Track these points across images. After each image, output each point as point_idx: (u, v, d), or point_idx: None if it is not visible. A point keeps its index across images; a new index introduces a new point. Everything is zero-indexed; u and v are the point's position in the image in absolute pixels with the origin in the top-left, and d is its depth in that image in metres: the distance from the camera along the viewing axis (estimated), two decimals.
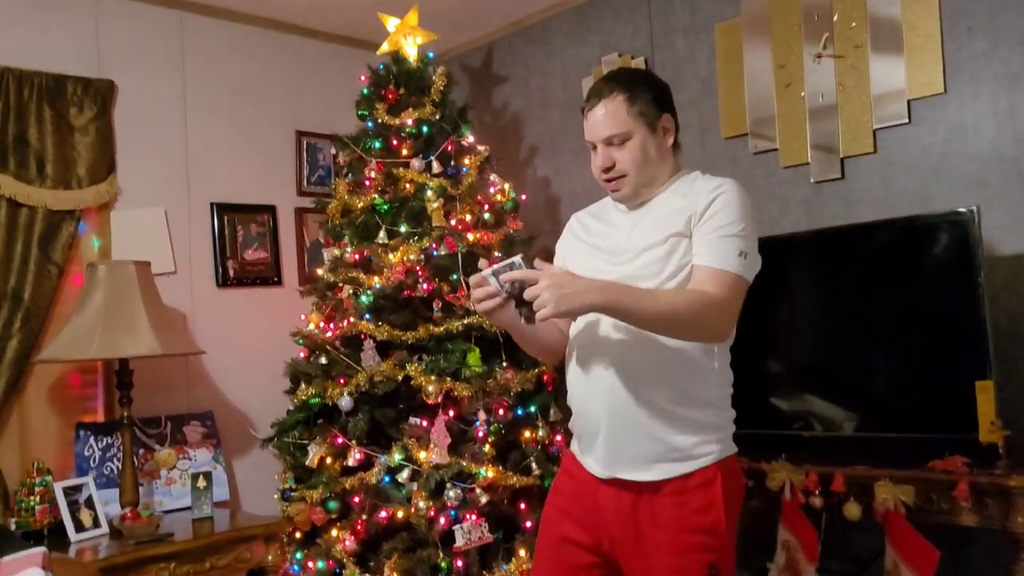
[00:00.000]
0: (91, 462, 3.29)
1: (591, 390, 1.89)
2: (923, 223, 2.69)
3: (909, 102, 2.93)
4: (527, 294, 1.66)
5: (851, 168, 3.09)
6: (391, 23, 3.60)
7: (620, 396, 1.82)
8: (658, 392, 1.81)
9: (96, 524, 3.07)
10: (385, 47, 3.60)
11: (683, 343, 1.80)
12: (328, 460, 3.13)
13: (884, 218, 2.90)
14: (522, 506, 3.10)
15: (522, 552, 3.00)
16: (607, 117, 1.88)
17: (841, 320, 2.87)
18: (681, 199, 1.87)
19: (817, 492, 2.60)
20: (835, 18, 3.08)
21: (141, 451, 3.41)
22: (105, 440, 3.35)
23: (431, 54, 3.68)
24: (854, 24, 3.03)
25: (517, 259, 1.73)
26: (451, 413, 3.06)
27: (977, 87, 2.79)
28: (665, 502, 1.81)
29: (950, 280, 2.56)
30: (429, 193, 3.28)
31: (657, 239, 1.84)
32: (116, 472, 3.28)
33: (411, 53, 3.56)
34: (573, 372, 1.96)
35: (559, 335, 2.04)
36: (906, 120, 2.93)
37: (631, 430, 1.82)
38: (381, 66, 3.58)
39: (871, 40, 3.00)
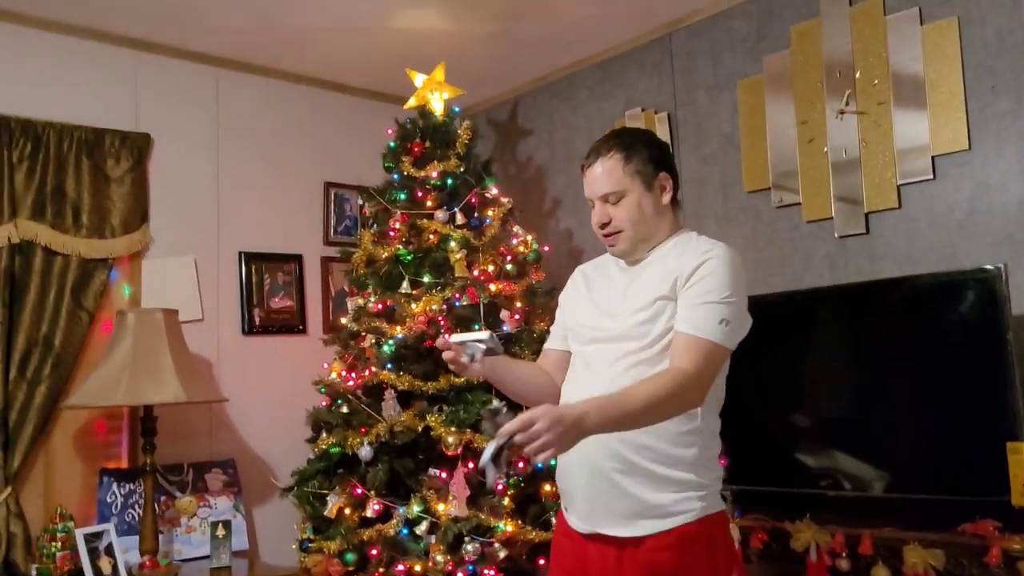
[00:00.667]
0: (113, 508, 3.31)
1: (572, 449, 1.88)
2: (950, 280, 2.66)
3: (933, 158, 2.92)
4: (522, 438, 1.55)
5: (875, 223, 3.07)
6: (419, 79, 3.68)
7: (599, 454, 1.82)
8: (638, 452, 1.80)
9: (115, 572, 3.07)
10: (412, 102, 3.68)
11: None
12: (347, 510, 3.12)
13: (910, 274, 2.88)
14: (541, 561, 3.05)
15: None
16: (604, 175, 1.93)
17: (867, 376, 2.83)
18: (675, 260, 1.89)
19: (844, 554, 2.54)
20: (857, 75, 3.10)
21: (163, 498, 3.42)
22: (128, 486, 3.37)
23: (457, 108, 3.74)
24: (876, 81, 3.05)
25: (487, 335, 1.81)
26: (470, 465, 3.05)
27: (1002, 145, 2.78)
28: (648, 558, 1.80)
29: (977, 338, 2.52)
30: (452, 244, 3.31)
31: (645, 301, 1.87)
32: (137, 519, 3.29)
33: (437, 107, 3.63)
34: None
35: (543, 390, 2.03)
36: (930, 176, 2.92)
37: (609, 487, 1.83)
38: (408, 120, 3.65)
39: (894, 97, 3.01)
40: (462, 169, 3.51)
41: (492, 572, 2.91)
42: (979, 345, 2.51)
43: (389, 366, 3.21)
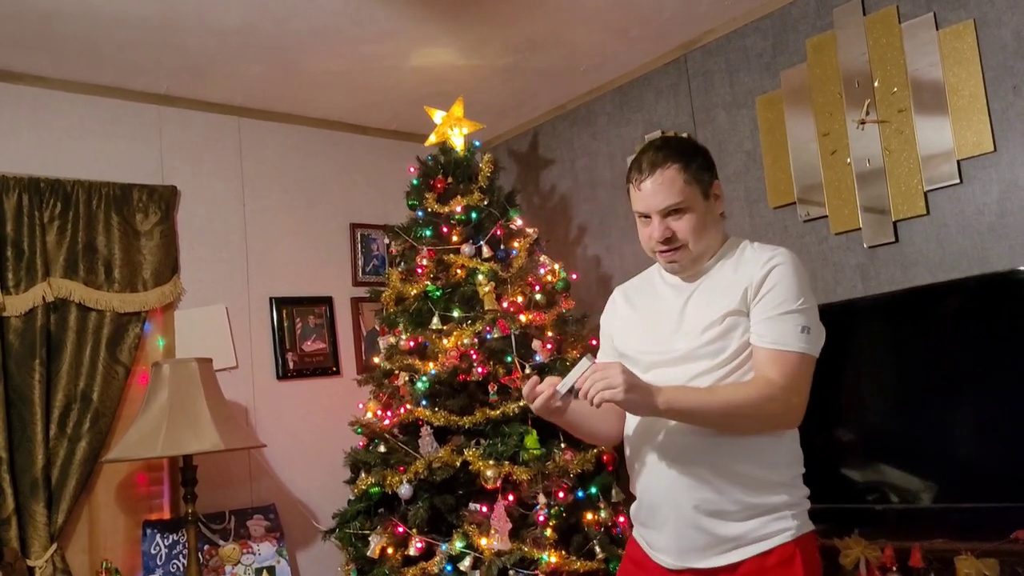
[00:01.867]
0: (158, 560, 3.32)
1: (656, 480, 1.83)
2: (984, 283, 2.62)
3: (959, 162, 2.89)
4: (597, 387, 1.64)
5: (904, 231, 3.04)
6: (437, 115, 3.71)
7: (687, 488, 1.76)
8: (728, 481, 1.75)
9: None
10: (432, 138, 3.71)
11: None
12: (390, 550, 3.11)
13: (943, 280, 2.84)
14: None
15: None
16: (664, 187, 1.82)
17: (909, 386, 2.79)
18: (733, 272, 1.84)
19: (894, 568, 2.49)
20: (876, 84, 3.09)
21: (206, 547, 3.43)
22: (171, 537, 3.38)
23: (477, 143, 3.77)
24: (895, 89, 3.03)
25: (584, 360, 1.72)
26: (511, 498, 3.03)
27: None
28: None
29: (1016, 340, 2.48)
30: (480, 277, 3.32)
31: (714, 317, 1.79)
32: (182, 569, 3.30)
33: (458, 143, 3.65)
34: (635, 457, 1.91)
35: (612, 424, 1.99)
36: (957, 180, 2.89)
37: (696, 522, 1.76)
38: (429, 157, 3.68)
39: (914, 103, 2.99)
40: (486, 202, 3.53)
41: None
42: (1018, 347, 2.46)
43: (424, 403, 3.21)
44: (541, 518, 3.00)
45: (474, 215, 3.50)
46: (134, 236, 3.52)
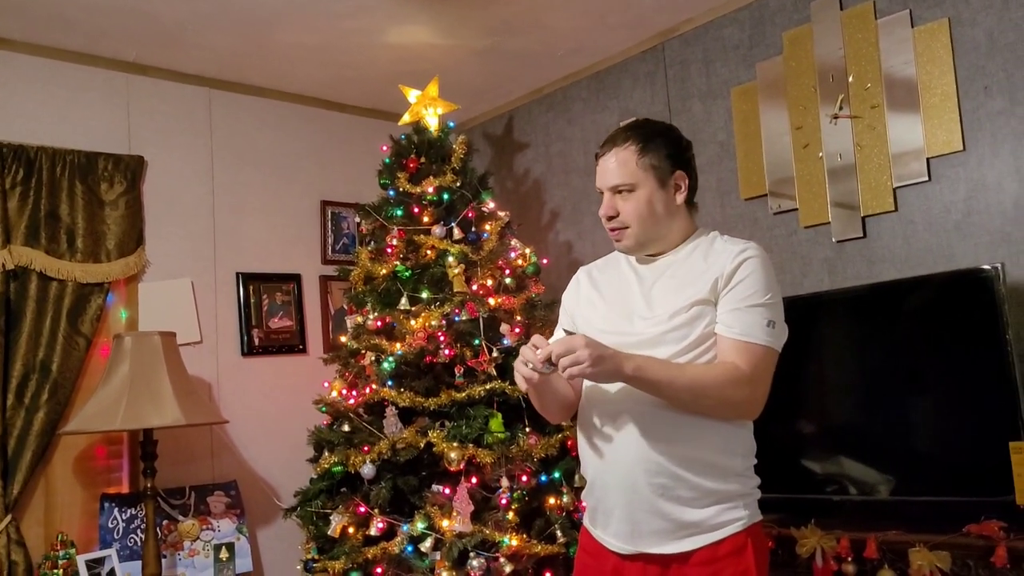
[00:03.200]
0: (115, 534, 3.28)
1: (608, 463, 1.83)
2: (948, 281, 2.66)
3: (928, 160, 2.92)
4: (564, 363, 1.65)
5: (872, 227, 3.07)
6: (412, 94, 3.68)
7: (644, 472, 1.77)
8: (685, 466, 1.75)
9: None
10: (406, 118, 3.68)
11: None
12: (351, 530, 3.10)
13: (908, 276, 2.87)
14: (547, 575, 3.03)
15: None
16: (617, 166, 1.86)
17: (869, 380, 2.82)
18: (703, 261, 1.84)
19: (849, 559, 2.52)
20: (850, 79, 3.10)
21: (164, 522, 3.40)
22: (129, 511, 3.34)
23: (452, 123, 3.74)
24: (869, 85, 3.05)
25: (560, 331, 1.74)
26: (474, 480, 3.03)
27: (997, 145, 2.78)
28: (695, 572, 1.75)
29: (977, 338, 2.52)
30: (450, 259, 3.30)
31: (682, 304, 1.80)
32: (140, 544, 3.27)
33: (432, 123, 3.62)
34: (587, 440, 1.90)
35: (575, 395, 1.99)
36: (926, 178, 2.92)
37: (653, 505, 1.77)
38: (403, 136, 3.65)
39: (887, 100, 3.01)
40: (458, 184, 3.50)
41: None
42: (980, 345, 2.50)
43: (390, 383, 3.19)
44: (503, 501, 3.00)
45: (446, 196, 3.47)
46: (98, 205, 3.46)
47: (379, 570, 3.03)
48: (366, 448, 3.12)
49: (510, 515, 2.99)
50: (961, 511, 2.42)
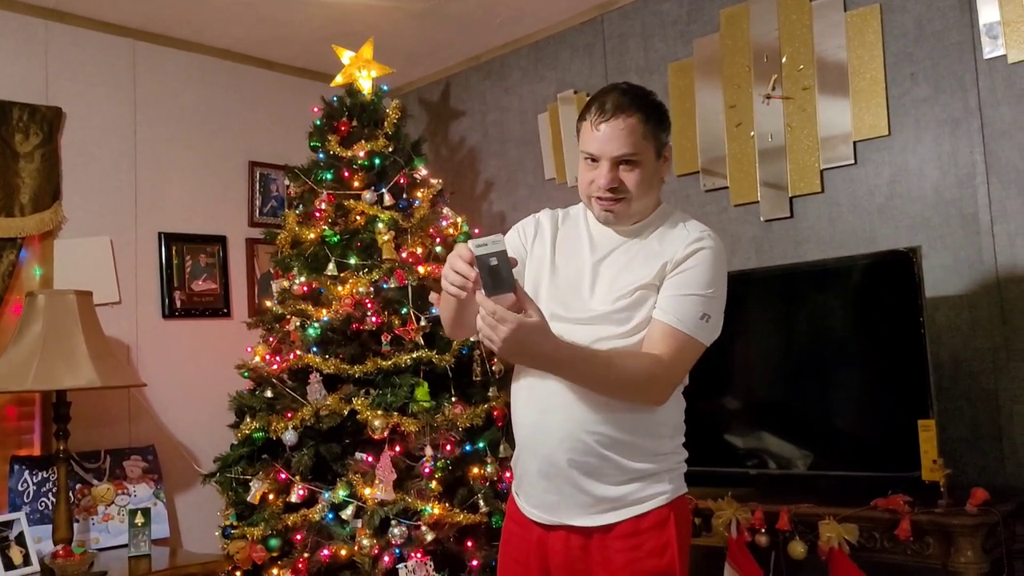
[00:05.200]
0: (25, 497, 3.18)
1: (534, 437, 1.81)
2: (867, 263, 2.71)
3: (855, 143, 2.97)
4: (482, 327, 1.59)
5: (799, 207, 3.12)
6: (346, 56, 3.59)
7: (564, 450, 1.75)
8: (607, 449, 1.74)
9: (27, 562, 2.96)
10: (339, 79, 3.59)
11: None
12: (271, 496, 3.06)
13: (832, 257, 2.93)
14: (469, 544, 3.04)
15: None
16: (624, 135, 1.75)
17: (791, 358, 2.88)
18: (658, 244, 1.80)
19: (763, 530, 2.58)
20: (783, 60, 3.13)
21: (78, 486, 3.30)
22: (40, 474, 3.24)
23: (385, 87, 3.68)
24: (802, 67, 3.08)
25: (498, 238, 1.60)
26: (397, 448, 3.01)
27: (920, 131, 2.84)
28: (618, 545, 1.75)
29: (894, 319, 2.58)
30: (380, 225, 3.26)
31: (627, 290, 1.77)
32: (51, 508, 3.17)
33: (365, 86, 3.55)
34: (517, 408, 1.87)
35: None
36: (852, 161, 2.98)
37: (576, 483, 1.76)
38: (335, 98, 3.57)
39: (818, 83, 3.05)
40: (391, 149, 3.45)
41: (419, 555, 2.88)
42: (896, 326, 2.56)
43: (315, 349, 3.15)
44: (427, 470, 3.00)
45: (377, 161, 3.42)
46: (12, 157, 3.30)
47: (299, 537, 3.00)
48: (289, 414, 3.07)
49: (433, 484, 2.99)
50: (872, 486, 2.49)
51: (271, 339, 3.32)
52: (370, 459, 3.00)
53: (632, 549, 1.75)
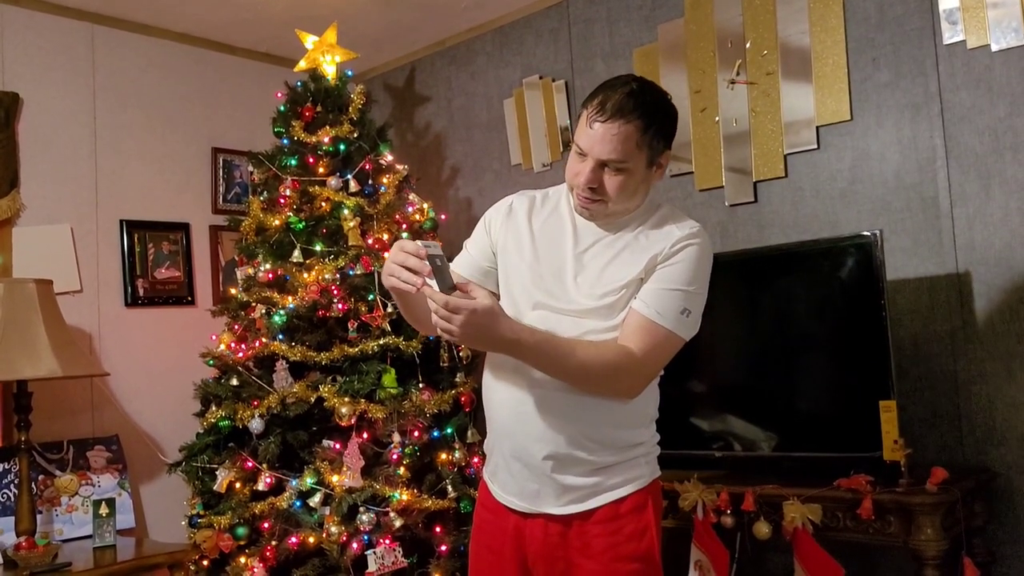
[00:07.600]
0: None
1: (508, 430, 1.80)
2: (830, 247, 2.74)
3: (818, 128, 3.00)
4: (438, 321, 1.59)
5: (763, 192, 3.15)
6: (309, 40, 3.56)
7: (538, 448, 1.74)
8: (581, 449, 1.74)
9: None
10: (303, 64, 3.56)
11: None
12: (237, 485, 3.05)
13: (795, 241, 2.96)
14: (437, 530, 3.05)
15: None
16: (616, 141, 1.69)
17: (756, 341, 2.91)
18: (645, 239, 1.78)
19: (728, 511, 2.61)
20: (748, 45, 3.15)
21: (40, 477, 3.26)
22: (2, 466, 3.19)
23: (350, 72, 3.64)
24: (766, 52, 3.10)
25: (434, 245, 1.61)
26: (365, 435, 3.01)
27: (882, 116, 2.88)
28: (597, 530, 1.75)
29: (856, 302, 2.62)
30: (345, 212, 3.24)
31: (614, 286, 1.75)
32: (13, 499, 3.13)
33: (329, 71, 3.52)
34: (489, 397, 1.86)
35: None
36: (815, 146, 3.01)
37: (551, 477, 1.75)
38: (299, 83, 3.53)
39: (782, 68, 3.07)
40: (356, 135, 3.42)
41: (387, 542, 2.89)
42: (857, 309, 2.60)
43: (280, 337, 3.12)
44: (395, 456, 3.00)
45: (342, 147, 3.39)
46: None
47: (266, 525, 2.99)
48: (255, 402, 3.06)
49: (401, 470, 2.99)
50: (835, 466, 2.53)
51: (236, 327, 3.30)
52: (337, 446, 2.99)
53: (612, 534, 1.75)
